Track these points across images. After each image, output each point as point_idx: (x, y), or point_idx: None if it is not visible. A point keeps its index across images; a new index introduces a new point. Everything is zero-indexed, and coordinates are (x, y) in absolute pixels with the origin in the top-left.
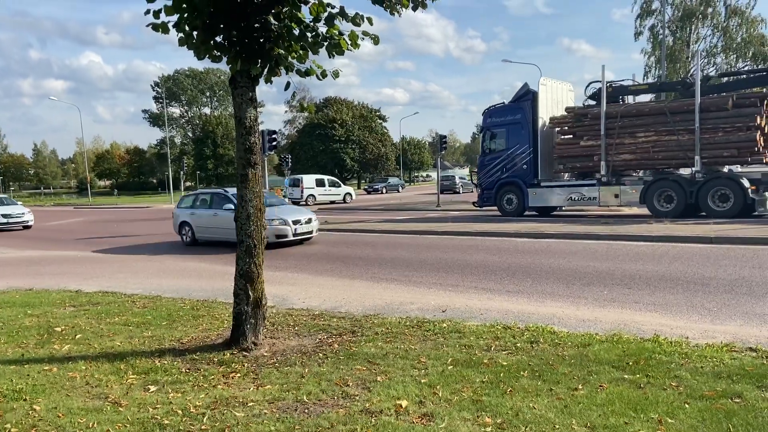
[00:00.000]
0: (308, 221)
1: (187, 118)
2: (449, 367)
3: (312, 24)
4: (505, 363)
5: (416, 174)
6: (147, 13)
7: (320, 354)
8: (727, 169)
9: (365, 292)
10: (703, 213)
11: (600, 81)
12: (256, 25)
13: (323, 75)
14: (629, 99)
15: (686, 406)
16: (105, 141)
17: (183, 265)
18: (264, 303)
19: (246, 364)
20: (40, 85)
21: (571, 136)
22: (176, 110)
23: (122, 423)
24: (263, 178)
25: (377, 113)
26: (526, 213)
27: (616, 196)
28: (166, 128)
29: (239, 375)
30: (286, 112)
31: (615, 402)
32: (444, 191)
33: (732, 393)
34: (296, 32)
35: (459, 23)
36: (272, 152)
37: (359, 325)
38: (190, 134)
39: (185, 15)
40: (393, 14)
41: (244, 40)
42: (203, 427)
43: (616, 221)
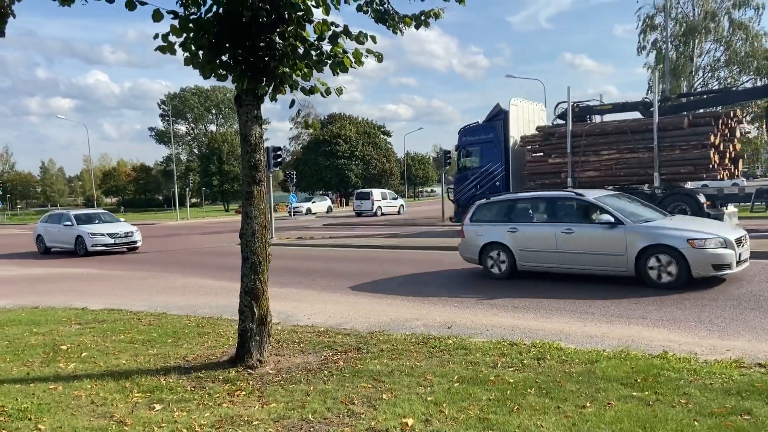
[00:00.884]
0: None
1: (193, 135)
2: (455, 385)
3: (316, 43)
4: (512, 380)
5: (420, 189)
6: (156, 38)
7: (325, 371)
8: (700, 185)
9: (370, 309)
10: None
11: (568, 101)
12: (261, 44)
13: (327, 92)
14: (596, 118)
15: (696, 424)
16: (112, 158)
17: (187, 282)
18: (269, 320)
19: (251, 382)
20: (47, 104)
21: (541, 154)
22: (182, 127)
23: None
24: (268, 195)
25: (381, 129)
26: None
27: None
28: (173, 145)
29: (244, 393)
30: (291, 129)
31: (624, 420)
32: None
33: (741, 410)
34: (301, 51)
35: (462, 39)
36: (277, 168)
37: (364, 342)
38: (196, 151)
39: (191, 35)
40: (396, 33)
41: (250, 59)
42: None
43: None
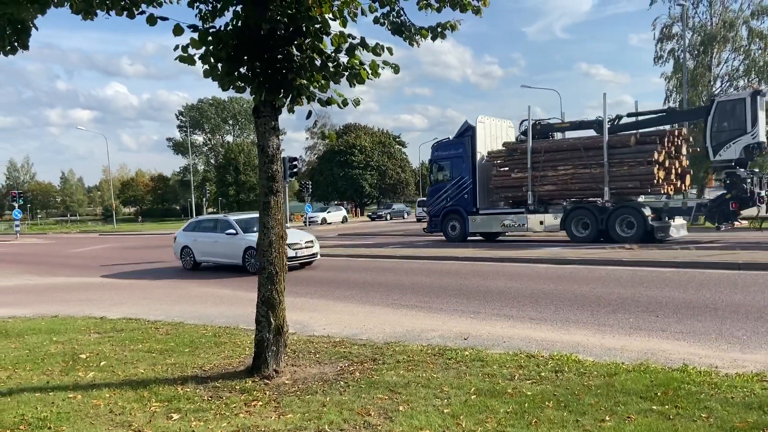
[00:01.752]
0: None
1: (210, 146)
2: (472, 397)
3: (333, 54)
4: (530, 393)
5: None
6: (176, 49)
7: (341, 382)
8: (642, 199)
9: (386, 319)
10: (613, 238)
11: (533, 119)
12: (279, 57)
13: (344, 103)
14: (557, 135)
15: None
16: (130, 169)
17: (204, 291)
18: (285, 330)
19: (267, 392)
20: (68, 115)
21: (506, 169)
22: (199, 138)
23: None
24: (284, 205)
25: (396, 139)
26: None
27: (541, 223)
28: (190, 156)
29: (261, 403)
30: (307, 139)
31: None
32: None
33: (764, 424)
34: (318, 63)
35: (476, 50)
36: (293, 179)
37: (380, 353)
38: (213, 161)
39: (210, 48)
40: (412, 45)
41: (268, 71)
42: None
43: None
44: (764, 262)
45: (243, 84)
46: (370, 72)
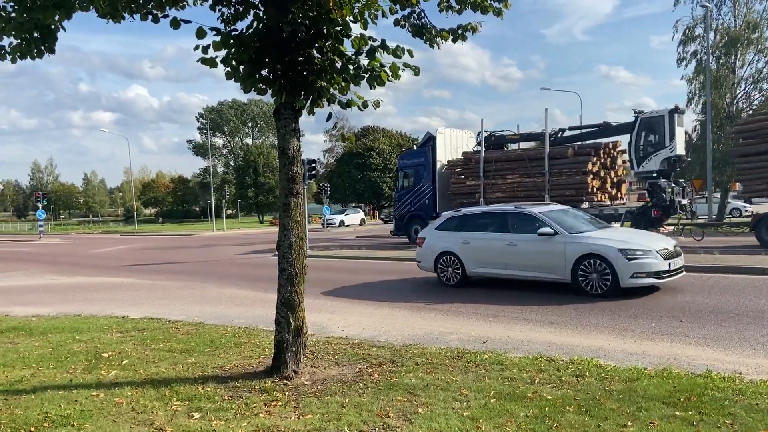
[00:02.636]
0: None
1: (230, 148)
2: (492, 400)
3: (354, 57)
4: (550, 397)
5: None
6: (196, 49)
7: (360, 384)
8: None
9: (404, 321)
10: None
11: (486, 131)
12: (300, 59)
13: (364, 106)
14: (512, 146)
15: None
16: (151, 170)
17: (224, 292)
18: (305, 331)
19: (287, 393)
20: (89, 117)
21: (462, 177)
22: (219, 140)
23: None
24: (304, 206)
25: (415, 142)
26: None
27: None
28: (210, 158)
29: (280, 404)
30: (325, 141)
31: None
32: None
33: None
34: (338, 65)
35: (494, 52)
36: (311, 181)
37: (399, 355)
38: (232, 163)
39: (232, 50)
40: (432, 47)
41: (288, 74)
42: None
43: None
44: None
45: (264, 86)
46: (391, 74)
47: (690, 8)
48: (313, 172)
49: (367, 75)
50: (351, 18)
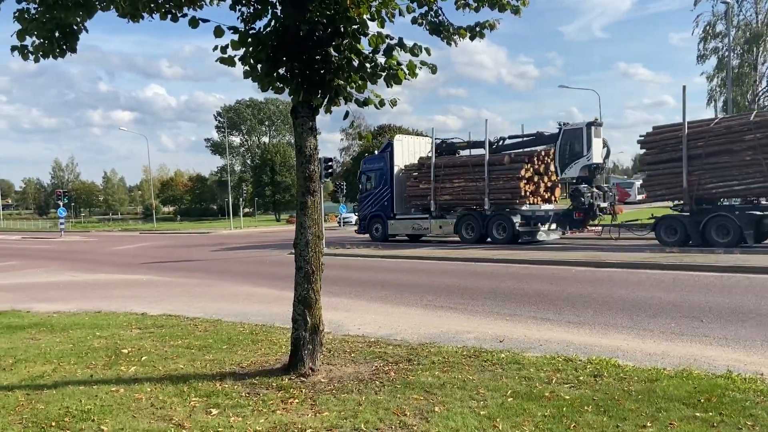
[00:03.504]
0: None
1: (247, 147)
2: (509, 400)
3: (371, 55)
4: (568, 397)
5: None
6: (215, 49)
7: (377, 382)
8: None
9: (420, 320)
10: (492, 240)
11: (437, 138)
12: (317, 58)
13: (381, 104)
14: (466, 152)
15: None
16: (170, 169)
17: (241, 290)
18: (321, 329)
19: (304, 390)
20: (109, 116)
21: (416, 181)
22: (236, 139)
23: None
24: (320, 205)
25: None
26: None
27: (441, 227)
28: (227, 156)
29: (297, 401)
30: (342, 140)
31: None
32: None
33: None
34: (356, 63)
35: (511, 49)
36: (328, 179)
37: (415, 354)
38: (249, 162)
39: (250, 49)
40: (450, 44)
41: (306, 72)
42: None
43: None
44: None
45: (282, 85)
46: (408, 72)
47: (711, 4)
48: (330, 171)
49: (385, 73)
50: (368, 16)
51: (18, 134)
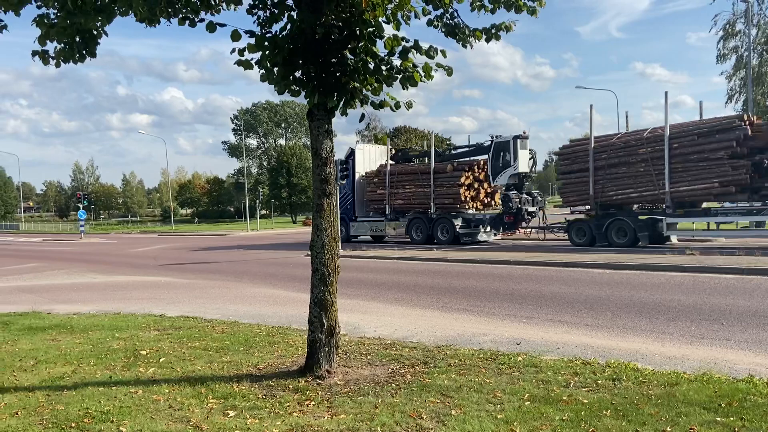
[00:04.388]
0: None
1: (264, 149)
2: (526, 403)
3: (387, 57)
4: (586, 401)
5: None
6: (232, 52)
7: (393, 384)
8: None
9: (436, 322)
10: (437, 241)
11: (393, 147)
12: (333, 60)
13: (397, 106)
14: (422, 160)
15: None
16: (187, 171)
17: (258, 292)
18: (338, 331)
19: (320, 392)
20: (127, 119)
21: (374, 186)
22: (253, 141)
23: None
24: (336, 207)
25: (447, 142)
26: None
27: (394, 229)
28: (244, 159)
29: (314, 403)
30: (357, 142)
31: None
32: None
33: None
34: (371, 66)
35: (526, 50)
36: (344, 182)
37: (431, 356)
38: (266, 164)
39: (267, 52)
40: (465, 47)
41: (322, 75)
42: None
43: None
44: None
45: (298, 87)
46: (423, 74)
47: (731, 3)
48: (346, 173)
49: (400, 76)
50: (384, 19)
51: (39, 138)
